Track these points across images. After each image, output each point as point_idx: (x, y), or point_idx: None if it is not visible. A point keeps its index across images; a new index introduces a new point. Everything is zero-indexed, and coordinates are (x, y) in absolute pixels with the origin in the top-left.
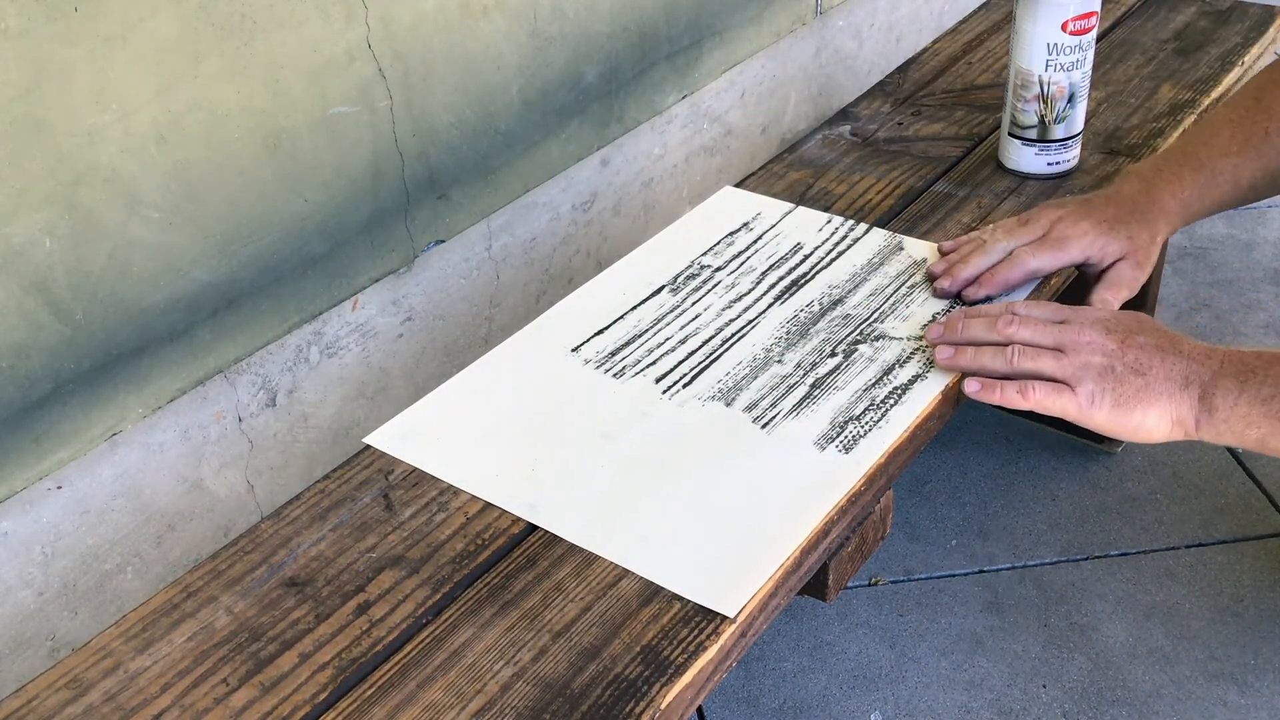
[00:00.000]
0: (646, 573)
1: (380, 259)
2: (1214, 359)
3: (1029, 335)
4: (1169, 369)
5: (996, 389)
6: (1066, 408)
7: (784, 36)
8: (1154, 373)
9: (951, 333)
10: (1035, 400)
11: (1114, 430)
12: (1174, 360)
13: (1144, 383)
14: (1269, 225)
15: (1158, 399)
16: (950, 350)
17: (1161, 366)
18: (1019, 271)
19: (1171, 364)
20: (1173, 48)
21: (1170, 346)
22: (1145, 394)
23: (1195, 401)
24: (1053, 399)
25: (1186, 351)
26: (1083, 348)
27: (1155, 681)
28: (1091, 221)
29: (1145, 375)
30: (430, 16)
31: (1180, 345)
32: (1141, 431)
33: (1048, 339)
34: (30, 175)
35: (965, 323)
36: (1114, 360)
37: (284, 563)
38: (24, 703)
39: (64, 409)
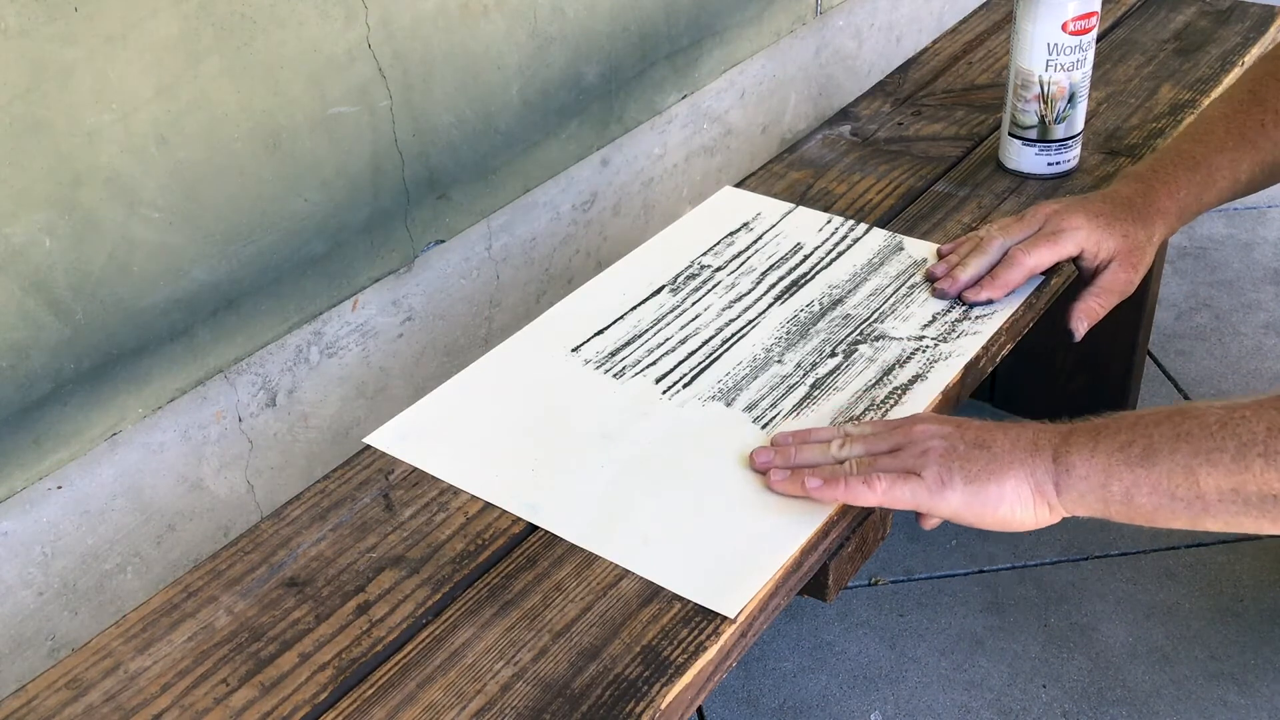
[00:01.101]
0: (647, 573)
1: (380, 259)
2: (1061, 425)
3: (863, 448)
4: (1014, 438)
5: (840, 483)
6: (917, 494)
7: (784, 36)
8: (999, 444)
9: (784, 458)
10: (882, 490)
11: (974, 515)
12: (1017, 430)
13: (990, 455)
14: (1269, 225)
15: (1009, 468)
16: (784, 474)
17: (1005, 437)
18: (1018, 272)
19: (1015, 434)
20: (1173, 48)
21: (1011, 424)
22: (995, 465)
23: (1050, 464)
24: (900, 488)
25: (1030, 425)
26: (919, 437)
27: (1155, 681)
28: (1086, 215)
29: (990, 448)
30: (430, 16)
31: (1021, 421)
32: (1003, 508)
33: (883, 444)
34: (30, 175)
35: (797, 449)
36: (954, 440)
37: (284, 563)
38: (24, 703)
39: (64, 409)
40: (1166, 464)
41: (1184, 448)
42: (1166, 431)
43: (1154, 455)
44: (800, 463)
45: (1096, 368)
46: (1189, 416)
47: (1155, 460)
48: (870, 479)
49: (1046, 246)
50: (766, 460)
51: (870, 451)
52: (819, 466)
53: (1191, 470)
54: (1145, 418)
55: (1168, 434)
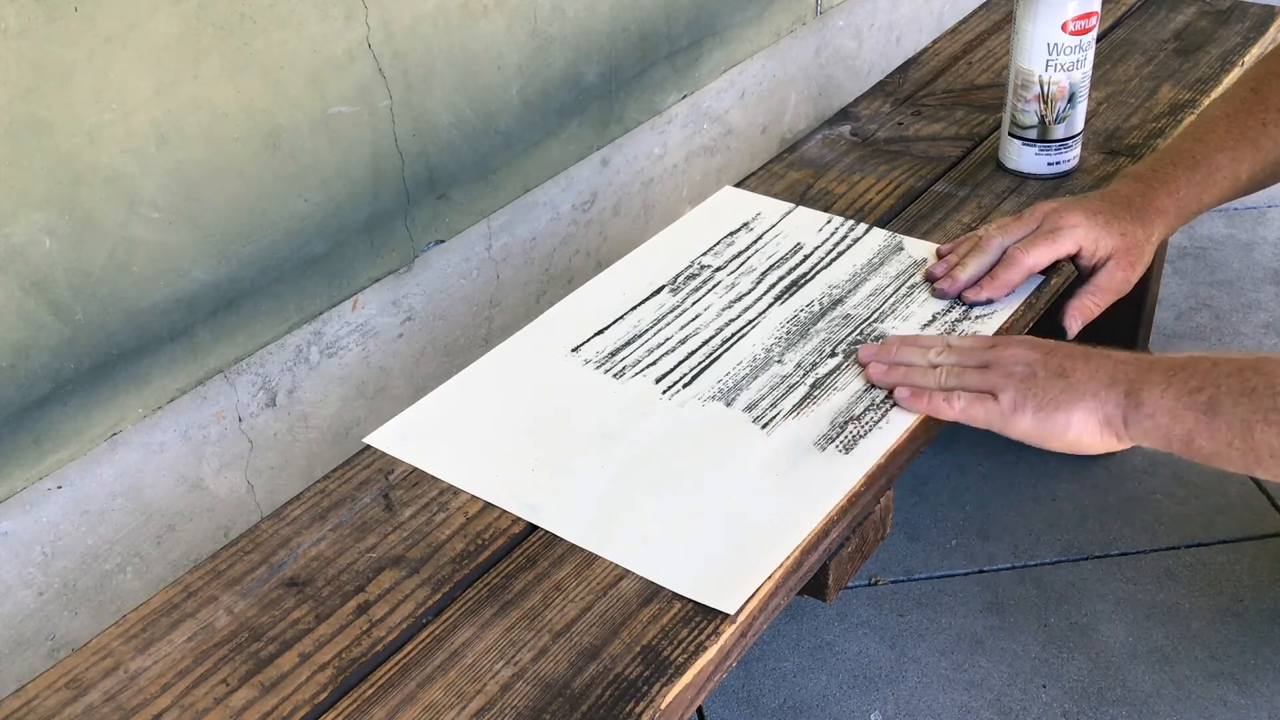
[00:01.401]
0: (646, 573)
1: (380, 259)
2: (1143, 359)
3: (957, 358)
4: (1094, 369)
5: (924, 397)
6: (990, 416)
7: (784, 36)
8: (1077, 374)
9: (885, 353)
10: (959, 409)
11: (1041, 438)
12: (1099, 361)
13: (1066, 384)
14: (1269, 225)
15: (1081, 399)
16: (883, 367)
17: (1085, 368)
18: (1017, 271)
19: (1097, 365)
20: (1173, 48)
21: (1096, 352)
22: (1068, 395)
23: (1122, 398)
24: (976, 408)
25: (1114, 355)
26: (1006, 360)
27: (1155, 681)
28: (1084, 213)
29: (1068, 378)
30: (430, 16)
31: (1108, 351)
32: (1069, 435)
33: (975, 359)
34: (30, 175)
35: (900, 347)
36: (1036, 368)
37: (284, 563)
38: (24, 703)
39: (64, 409)
40: (1227, 416)
41: (1245, 403)
42: (1235, 385)
43: (1217, 406)
44: (899, 360)
45: None
46: (1259, 372)
47: (1218, 411)
48: (950, 397)
49: (1045, 245)
50: (871, 354)
51: (962, 363)
52: (912, 370)
53: (1249, 426)
54: (1221, 365)
55: (1235, 387)
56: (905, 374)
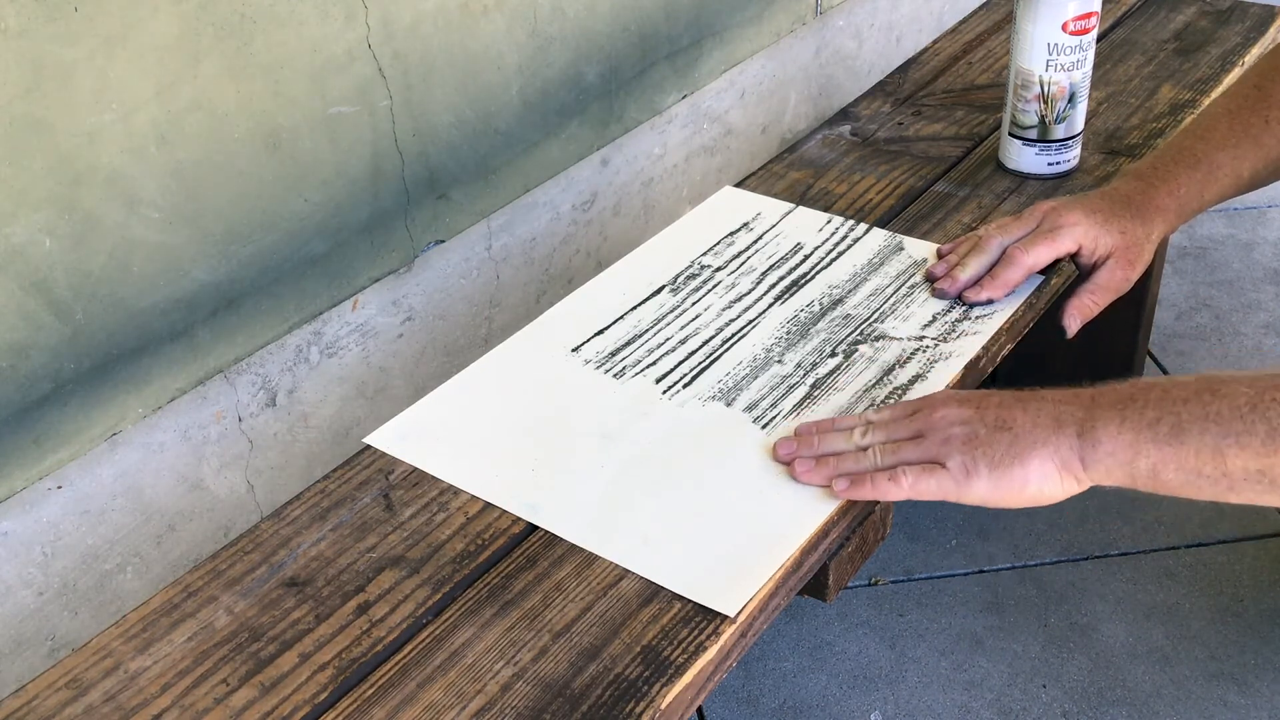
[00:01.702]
0: (646, 573)
1: (380, 259)
2: (1083, 396)
3: (885, 435)
4: (1035, 415)
5: (865, 483)
6: (943, 486)
7: (784, 36)
8: (1019, 424)
9: (807, 447)
10: (909, 485)
11: (1000, 498)
12: (1038, 405)
13: (1012, 437)
14: (1269, 225)
15: (1033, 448)
16: (809, 464)
17: (1025, 415)
18: (1017, 270)
19: (1036, 409)
20: (1173, 48)
21: (1030, 396)
22: (1017, 447)
23: (1074, 439)
24: (925, 481)
25: (1050, 396)
26: (939, 424)
27: (1155, 681)
28: (1083, 211)
29: (1011, 429)
30: (430, 16)
31: (1041, 393)
32: (1029, 489)
33: (905, 431)
34: (30, 175)
35: (820, 437)
36: (974, 425)
37: (284, 563)
38: (24, 703)
39: (64, 409)
40: (1195, 444)
41: (1213, 429)
42: (1195, 410)
43: (1182, 434)
44: (824, 451)
45: (1097, 368)
46: (1218, 395)
47: (1184, 439)
48: (896, 475)
49: (1044, 244)
50: (790, 451)
51: (892, 438)
52: (843, 458)
53: (1220, 451)
54: (1172, 392)
55: (1196, 413)
56: (836, 464)
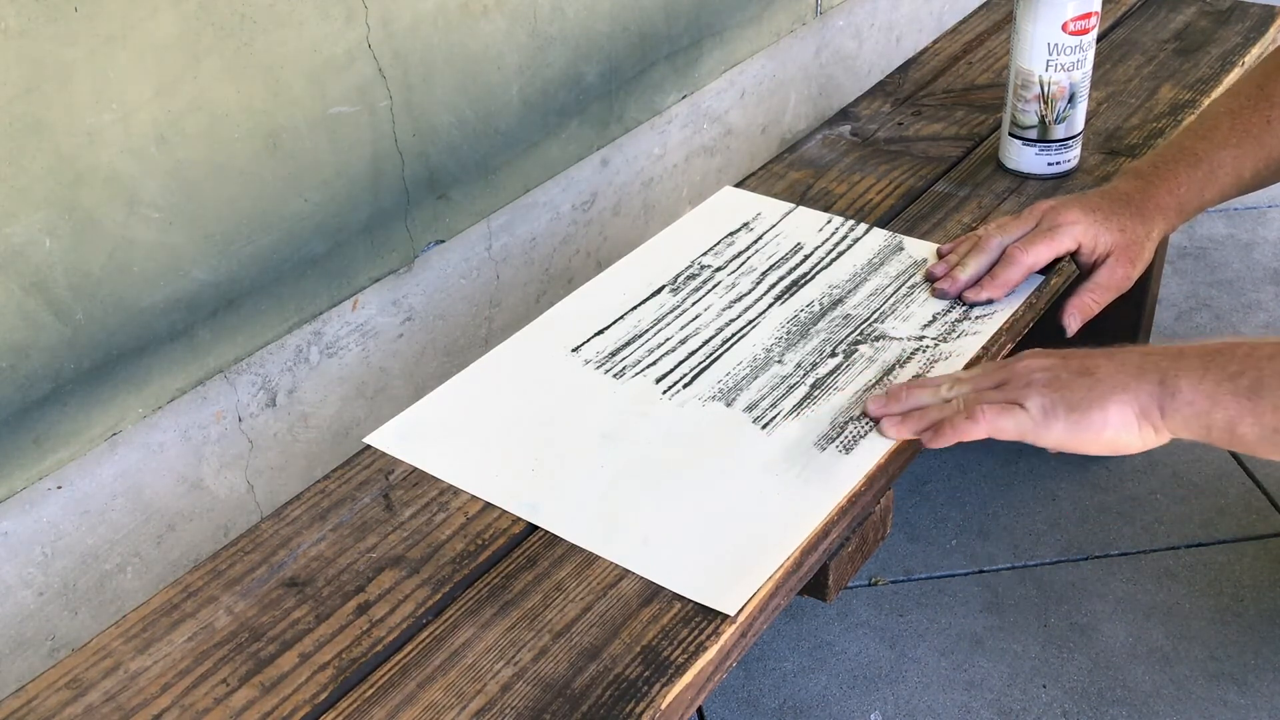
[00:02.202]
0: (647, 573)
1: (380, 259)
2: (1171, 349)
3: (971, 386)
4: (1120, 362)
5: (946, 426)
6: (1021, 425)
7: (784, 36)
8: (1103, 370)
9: (897, 403)
10: (987, 422)
11: (1078, 442)
12: (1124, 355)
13: (1094, 381)
14: (1269, 225)
15: (1113, 393)
16: (897, 419)
17: (1110, 363)
18: (1017, 270)
19: (1122, 358)
20: (1173, 48)
21: (1118, 348)
22: (1098, 391)
23: (1156, 387)
24: (1004, 419)
25: (1139, 348)
26: (1023, 371)
27: (1155, 681)
28: (1082, 209)
29: (1094, 375)
30: (430, 16)
31: (1130, 345)
32: (1106, 434)
33: (989, 381)
34: (30, 175)
35: (909, 392)
36: (1058, 370)
37: (284, 563)
38: (24, 703)
39: (64, 409)
40: (1272, 399)
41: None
42: (1278, 367)
43: (1261, 389)
44: (911, 406)
45: None
46: None
47: (1262, 394)
48: (974, 412)
49: (1044, 243)
50: (881, 408)
51: (977, 389)
52: (927, 410)
53: None
54: (1259, 349)
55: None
56: (922, 416)
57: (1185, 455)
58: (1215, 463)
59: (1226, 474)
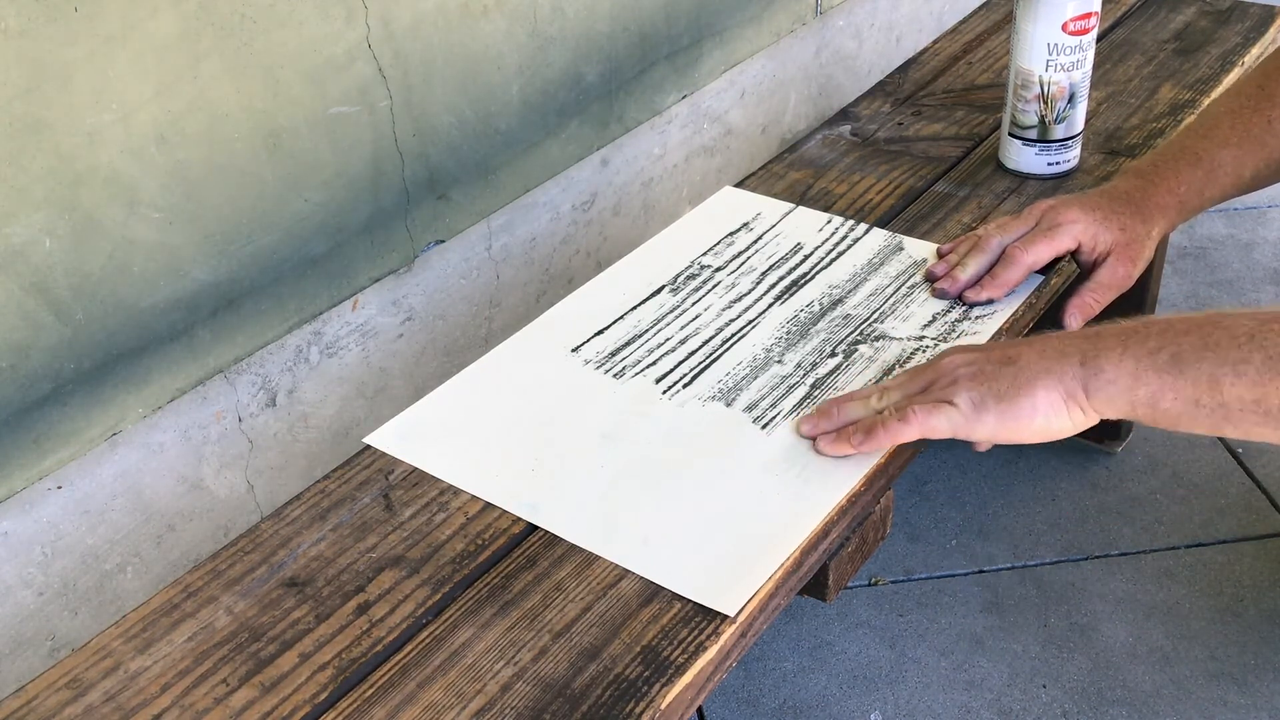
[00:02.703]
0: (646, 573)
1: (380, 259)
2: (1089, 331)
3: (900, 394)
4: (1040, 349)
5: (878, 428)
6: (952, 421)
7: (784, 36)
8: (1025, 357)
9: (828, 420)
10: (919, 422)
11: (1009, 431)
12: (1044, 341)
13: (1017, 369)
14: (1269, 225)
15: (1038, 378)
16: (831, 436)
17: (1030, 350)
18: (1017, 270)
19: (1042, 344)
20: (1173, 48)
21: (1038, 336)
22: (1023, 378)
23: (1078, 368)
24: (935, 417)
25: (1056, 334)
26: (947, 369)
27: (1155, 681)
28: (1083, 209)
29: (1016, 363)
30: (430, 16)
31: (1048, 333)
32: (1036, 421)
33: (916, 385)
34: (30, 175)
35: (839, 408)
36: (981, 363)
37: (284, 563)
38: (24, 703)
39: (64, 409)
40: (1192, 373)
41: (1210, 357)
42: (1195, 340)
43: (1181, 363)
44: (844, 421)
45: None
46: (1219, 326)
47: (1182, 368)
48: (906, 415)
49: (1044, 242)
50: (813, 427)
51: (907, 394)
52: (860, 421)
53: (1216, 380)
54: (1175, 324)
55: (1195, 343)
56: (855, 429)
57: (1185, 455)
58: (1215, 463)
59: (1226, 474)
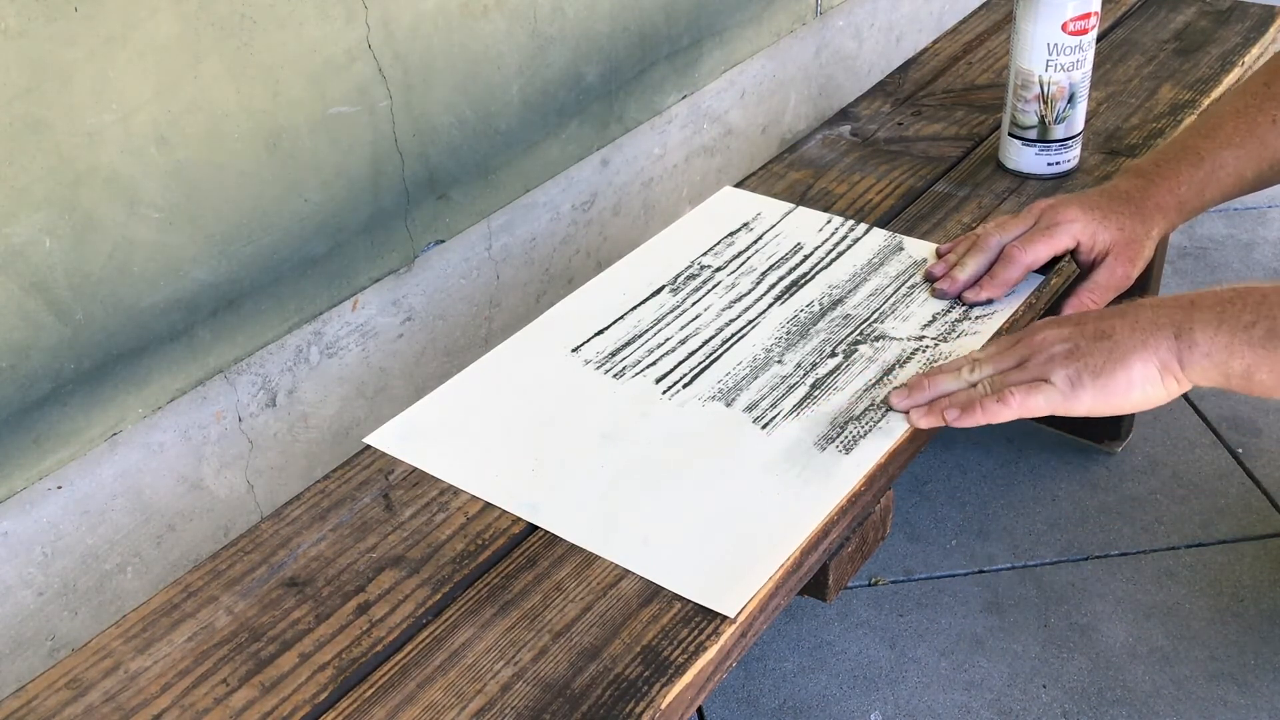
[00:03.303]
0: (647, 573)
1: (380, 259)
2: (1182, 300)
3: (993, 367)
4: (1134, 320)
5: (976, 407)
6: (1051, 399)
7: (784, 36)
8: (1119, 331)
9: (921, 393)
10: (1017, 403)
11: (1107, 406)
12: (1137, 312)
13: (1113, 344)
14: (1269, 225)
15: (1133, 351)
16: (923, 409)
17: (1124, 322)
18: (1016, 269)
19: (1135, 315)
20: (1173, 48)
21: (1130, 306)
22: (1118, 352)
23: (1173, 341)
24: (1034, 398)
25: (1148, 303)
26: (1042, 345)
27: (1155, 681)
28: (1081, 208)
29: (1111, 337)
30: (430, 16)
31: (1140, 300)
32: (1134, 393)
33: (1009, 360)
34: (30, 175)
35: (931, 381)
36: (1076, 339)
37: (284, 563)
38: (24, 703)
39: (64, 409)
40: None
41: None
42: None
43: (1276, 338)
44: (936, 394)
45: None
46: None
47: (1278, 343)
48: (1004, 395)
49: (1042, 242)
50: (905, 401)
51: (1000, 369)
52: (954, 395)
53: None
54: (1270, 298)
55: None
56: (949, 401)
57: (1185, 455)
58: (1215, 463)
59: (1226, 474)
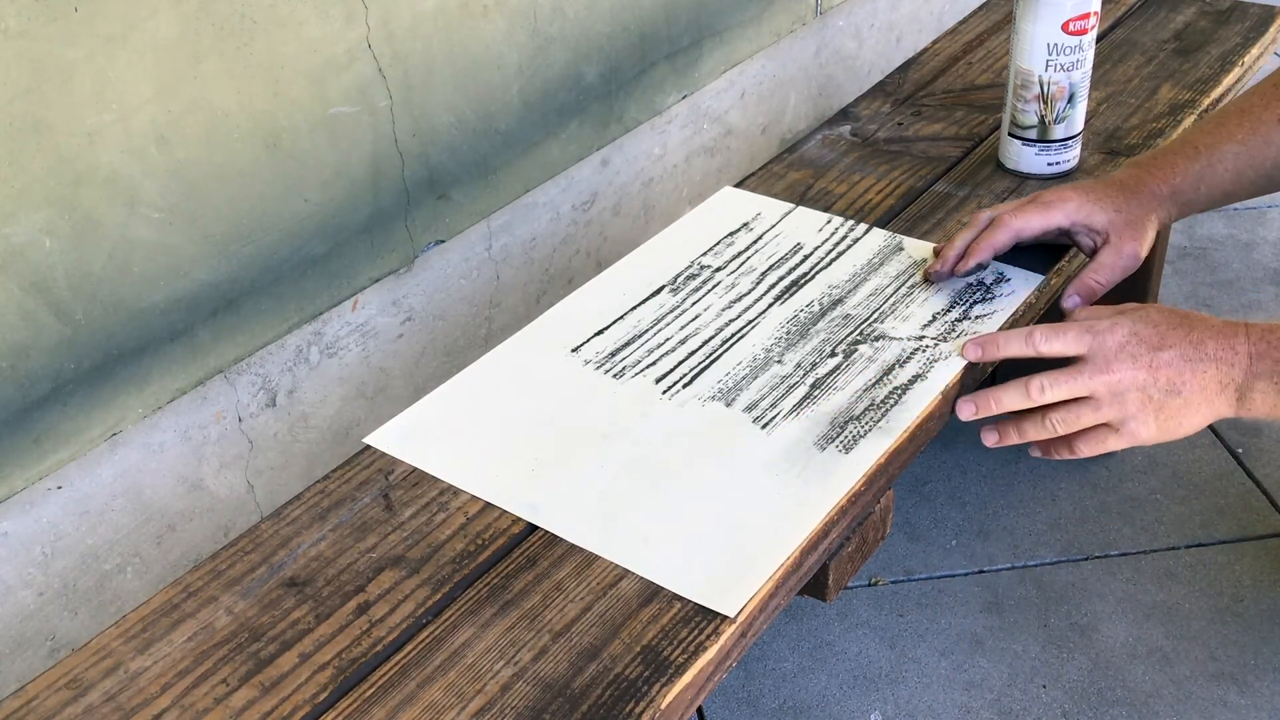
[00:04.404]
0: (646, 573)
1: (380, 259)
2: (1240, 357)
3: (1061, 391)
4: (1203, 380)
5: (1051, 448)
6: (1120, 444)
7: (784, 36)
8: (1189, 388)
9: (987, 409)
10: (1085, 452)
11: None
12: (1204, 369)
13: (1182, 401)
14: (1269, 225)
15: (1198, 410)
16: (994, 433)
17: (1194, 379)
18: (1004, 234)
19: (1203, 374)
20: (1173, 48)
21: (1196, 355)
22: (1186, 411)
23: (1234, 403)
24: (1102, 445)
25: (1213, 354)
26: (1116, 389)
27: (1155, 681)
28: (1076, 190)
29: (1181, 394)
30: (430, 16)
31: (1205, 347)
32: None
33: (1080, 388)
34: (30, 175)
35: (996, 398)
36: (1148, 389)
37: (284, 563)
38: (24, 703)
39: (64, 409)
40: None
41: None
42: None
43: None
44: (1002, 410)
45: None
46: None
47: None
48: (1075, 447)
49: (1036, 213)
50: (972, 412)
51: (1068, 395)
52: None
53: None
54: None
55: None
56: (1020, 433)
57: (1185, 455)
58: (1215, 463)
59: (1226, 474)
